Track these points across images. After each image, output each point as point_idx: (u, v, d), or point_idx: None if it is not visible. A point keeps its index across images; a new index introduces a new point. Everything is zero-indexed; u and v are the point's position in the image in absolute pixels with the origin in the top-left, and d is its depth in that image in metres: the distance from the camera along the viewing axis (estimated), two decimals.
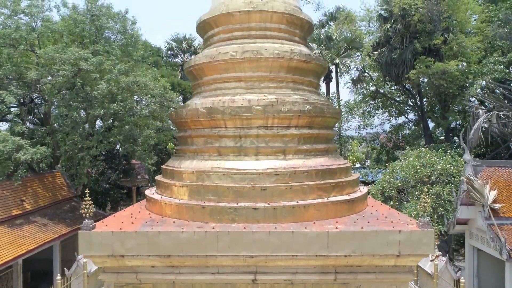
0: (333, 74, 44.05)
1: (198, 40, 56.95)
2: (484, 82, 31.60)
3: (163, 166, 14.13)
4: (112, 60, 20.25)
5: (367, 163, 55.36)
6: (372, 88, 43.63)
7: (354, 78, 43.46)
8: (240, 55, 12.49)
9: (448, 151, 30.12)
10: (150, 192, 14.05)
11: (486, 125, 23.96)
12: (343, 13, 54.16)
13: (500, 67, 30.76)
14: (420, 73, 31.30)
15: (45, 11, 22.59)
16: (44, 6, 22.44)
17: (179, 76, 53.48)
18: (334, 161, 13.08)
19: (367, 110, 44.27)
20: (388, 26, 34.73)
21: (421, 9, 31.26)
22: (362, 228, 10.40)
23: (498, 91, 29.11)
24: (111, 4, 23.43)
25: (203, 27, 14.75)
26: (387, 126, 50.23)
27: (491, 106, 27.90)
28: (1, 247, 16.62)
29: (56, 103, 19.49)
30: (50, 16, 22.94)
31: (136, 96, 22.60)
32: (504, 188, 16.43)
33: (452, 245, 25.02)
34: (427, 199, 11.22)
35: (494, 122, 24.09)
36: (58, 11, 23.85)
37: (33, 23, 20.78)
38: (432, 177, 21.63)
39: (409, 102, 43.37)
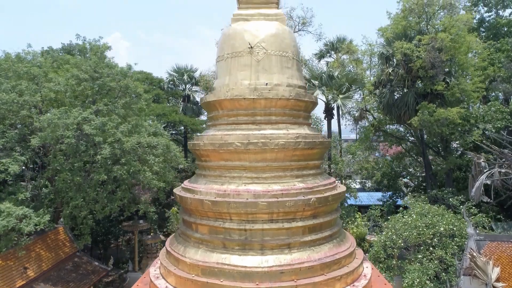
0: (335, 111, 44.24)
1: (199, 71, 57.32)
2: (485, 127, 31.59)
3: (167, 247, 14.10)
4: (115, 120, 20.33)
5: (368, 184, 55.18)
6: (372, 120, 43.81)
7: (356, 116, 43.70)
8: (245, 146, 12.58)
9: (450, 198, 30.15)
10: (154, 273, 14.04)
11: (488, 182, 24.05)
12: (344, 46, 54.60)
13: (502, 115, 30.89)
14: (422, 120, 31.39)
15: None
16: (47, 64, 22.61)
17: (181, 108, 53.67)
18: (339, 247, 13.07)
19: (368, 145, 44.49)
20: (390, 70, 34.92)
21: (423, 55, 31.41)
22: None
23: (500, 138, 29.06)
24: (114, 58, 23.65)
25: (207, 106, 14.88)
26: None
27: (494, 154, 27.98)
28: None
29: (59, 167, 19.50)
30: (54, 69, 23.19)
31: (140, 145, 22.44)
32: (507, 264, 16.39)
33: None
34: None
35: (496, 178, 24.15)
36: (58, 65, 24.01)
37: (36, 84, 20.86)
38: (435, 239, 21.66)
39: (410, 137, 43.58)
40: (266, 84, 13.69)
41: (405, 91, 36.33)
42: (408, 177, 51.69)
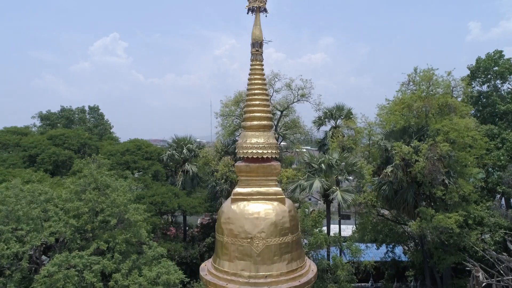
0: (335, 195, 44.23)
1: (197, 142, 58.10)
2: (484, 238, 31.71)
3: None
4: (116, 260, 20.29)
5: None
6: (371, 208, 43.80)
7: (356, 207, 43.78)
8: None
9: None
10: None
11: None
12: (345, 121, 55.15)
13: (500, 227, 31.08)
14: (420, 227, 31.51)
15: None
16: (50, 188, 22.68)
17: (180, 182, 53.62)
18: None
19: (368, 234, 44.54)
20: (389, 171, 35.10)
21: (422, 163, 31.68)
22: None
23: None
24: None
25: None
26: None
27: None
28: None
29: None
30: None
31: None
32: None
33: None
34: None
35: None
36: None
37: (37, 225, 20.79)
38: None
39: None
40: (266, 277, 13.79)
41: (404, 186, 36.47)
42: (406, 247, 51.44)
